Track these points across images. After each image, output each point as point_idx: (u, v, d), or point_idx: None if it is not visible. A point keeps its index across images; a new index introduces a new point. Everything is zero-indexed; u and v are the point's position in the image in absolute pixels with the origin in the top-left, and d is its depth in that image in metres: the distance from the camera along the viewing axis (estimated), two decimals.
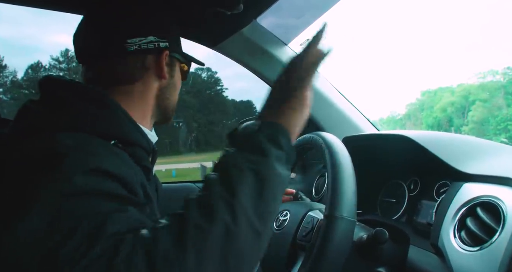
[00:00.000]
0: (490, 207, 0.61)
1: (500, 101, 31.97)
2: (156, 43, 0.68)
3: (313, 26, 1.12)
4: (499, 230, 0.56)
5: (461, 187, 0.69)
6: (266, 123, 0.51)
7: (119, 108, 0.63)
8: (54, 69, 31.62)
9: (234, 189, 0.42)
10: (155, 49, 0.68)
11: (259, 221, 0.42)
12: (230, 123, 38.98)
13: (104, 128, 0.58)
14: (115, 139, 0.59)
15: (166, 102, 0.74)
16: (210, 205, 0.40)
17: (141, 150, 0.65)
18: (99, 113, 0.60)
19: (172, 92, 0.75)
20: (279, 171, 0.47)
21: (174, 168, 20.71)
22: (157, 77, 0.70)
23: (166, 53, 0.69)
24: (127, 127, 0.63)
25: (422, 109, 42.35)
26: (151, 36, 0.68)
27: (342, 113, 1.25)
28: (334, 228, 0.57)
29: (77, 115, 0.57)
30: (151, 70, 0.69)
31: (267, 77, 1.23)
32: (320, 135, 0.72)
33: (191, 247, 0.37)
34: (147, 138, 0.67)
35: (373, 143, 1.05)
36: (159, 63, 0.69)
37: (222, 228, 0.39)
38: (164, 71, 0.70)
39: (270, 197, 0.44)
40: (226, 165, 0.46)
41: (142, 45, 0.67)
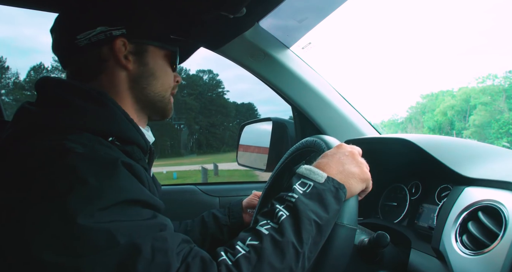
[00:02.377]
0: (492, 211, 0.61)
1: (502, 105, 31.91)
2: (107, 33, 0.65)
3: (314, 30, 1.13)
4: (500, 234, 0.56)
5: (463, 191, 0.69)
6: (330, 179, 0.59)
7: (117, 106, 0.63)
8: (56, 70, 31.60)
9: (302, 239, 0.52)
10: (107, 39, 0.65)
11: (308, 262, 0.53)
12: (231, 125, 38.96)
13: (101, 125, 0.59)
14: (112, 136, 0.59)
15: (144, 93, 0.70)
16: (283, 249, 0.50)
17: (138, 149, 0.65)
18: (97, 111, 0.60)
19: (150, 81, 0.70)
20: (332, 223, 0.57)
21: (175, 170, 20.74)
22: (120, 68, 0.67)
23: (122, 41, 0.66)
24: (125, 125, 0.63)
25: (424, 112, 42.32)
26: (100, 27, 0.65)
27: (344, 117, 1.25)
28: (335, 236, 0.57)
29: (74, 113, 0.58)
30: (110, 61, 0.66)
31: (269, 80, 1.23)
32: (322, 138, 0.72)
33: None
34: (144, 137, 0.67)
35: (375, 147, 1.05)
36: (114, 53, 0.65)
37: (287, 269, 0.50)
38: (121, 60, 0.66)
39: (321, 244, 0.56)
40: (298, 213, 0.54)
41: (92, 38, 0.65)
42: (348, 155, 0.63)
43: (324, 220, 0.54)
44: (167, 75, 0.73)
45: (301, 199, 0.55)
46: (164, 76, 0.72)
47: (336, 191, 0.57)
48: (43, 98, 0.62)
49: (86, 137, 0.55)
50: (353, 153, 0.64)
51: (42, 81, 0.63)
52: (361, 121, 1.27)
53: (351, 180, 0.60)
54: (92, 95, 0.61)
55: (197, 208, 1.28)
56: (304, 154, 0.87)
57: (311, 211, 0.54)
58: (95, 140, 0.55)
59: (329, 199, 0.56)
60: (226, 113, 40.97)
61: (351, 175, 0.61)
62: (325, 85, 1.26)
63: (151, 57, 0.70)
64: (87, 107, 0.59)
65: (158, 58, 0.71)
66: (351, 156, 0.63)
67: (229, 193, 1.32)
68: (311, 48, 1.22)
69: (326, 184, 0.57)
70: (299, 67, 1.22)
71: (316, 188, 0.57)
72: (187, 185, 1.35)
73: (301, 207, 0.54)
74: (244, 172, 16.13)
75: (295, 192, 0.56)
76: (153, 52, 0.70)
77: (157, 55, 0.71)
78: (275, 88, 1.26)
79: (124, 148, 0.61)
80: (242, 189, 1.35)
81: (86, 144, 0.52)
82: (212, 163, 21.95)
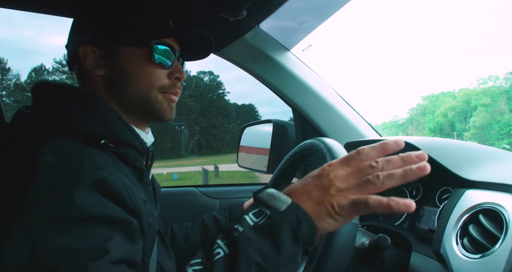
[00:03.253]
0: (493, 214, 0.61)
1: (503, 106, 31.89)
2: (78, 43, 0.67)
3: (315, 32, 1.13)
4: (501, 237, 0.56)
5: (464, 194, 0.69)
6: (294, 206, 0.45)
7: (109, 108, 0.63)
8: (57, 72, 31.68)
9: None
10: (75, 48, 0.67)
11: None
12: (231, 126, 38.99)
13: (93, 128, 0.59)
14: (105, 138, 0.59)
15: (122, 96, 0.68)
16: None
17: (133, 151, 0.65)
18: (88, 113, 0.60)
19: (125, 83, 0.67)
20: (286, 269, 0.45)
21: (176, 172, 20.73)
22: (92, 74, 0.67)
23: (89, 47, 0.66)
24: (117, 126, 0.62)
25: (424, 114, 42.31)
26: (75, 37, 0.67)
27: (344, 119, 1.25)
28: (337, 231, 0.56)
29: (66, 116, 0.58)
30: (84, 68, 0.67)
31: (270, 83, 1.23)
32: (322, 140, 0.72)
33: None
34: (139, 138, 0.66)
35: None
36: (80, 61, 0.67)
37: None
38: (86, 66, 0.66)
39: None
40: (237, 252, 0.43)
41: (72, 48, 0.68)
42: (330, 177, 0.47)
43: (271, 263, 0.43)
44: (147, 74, 0.68)
45: (246, 233, 0.44)
46: (142, 76, 0.67)
47: (298, 224, 0.44)
48: (37, 101, 0.62)
49: (68, 143, 0.54)
50: (336, 177, 0.46)
51: (38, 85, 0.64)
52: (361, 123, 1.27)
53: (324, 214, 0.45)
54: (84, 98, 0.61)
55: (197, 210, 1.27)
56: (304, 157, 0.87)
57: (254, 251, 0.43)
58: (76, 147, 0.54)
59: (284, 235, 0.43)
60: (227, 115, 41.01)
61: (325, 206, 0.45)
62: (325, 87, 1.26)
63: (124, 58, 0.67)
64: (79, 109, 0.59)
65: (134, 58, 0.67)
66: (333, 180, 0.46)
67: (229, 195, 1.32)
68: (311, 50, 1.22)
69: (286, 213, 0.44)
70: (300, 69, 1.22)
71: (272, 218, 0.44)
72: (187, 187, 1.35)
73: (242, 244, 0.43)
74: (245, 174, 16.13)
75: (243, 223, 0.45)
76: (127, 52, 0.67)
77: (132, 55, 0.67)
78: (275, 90, 1.26)
79: (118, 149, 0.61)
80: (243, 191, 1.35)
81: (60, 152, 0.51)
82: (213, 164, 21.95)
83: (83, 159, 0.51)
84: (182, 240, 0.97)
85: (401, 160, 0.46)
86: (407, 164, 0.45)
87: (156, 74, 0.69)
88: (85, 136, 0.57)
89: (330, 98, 1.24)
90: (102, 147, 0.59)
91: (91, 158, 0.53)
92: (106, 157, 0.58)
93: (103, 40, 0.67)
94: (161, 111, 0.70)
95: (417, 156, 0.45)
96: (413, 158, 0.45)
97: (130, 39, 0.67)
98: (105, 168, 0.52)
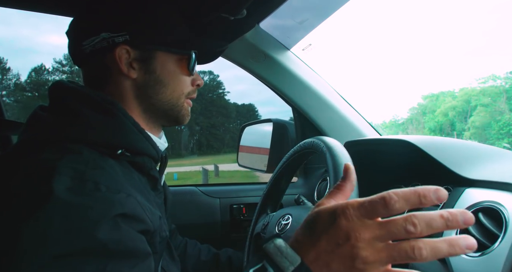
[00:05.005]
0: (492, 212, 0.61)
1: (502, 106, 31.87)
2: (109, 40, 0.62)
3: (315, 31, 1.13)
4: (501, 236, 0.56)
5: (463, 193, 0.69)
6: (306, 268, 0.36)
7: (127, 116, 0.61)
8: (57, 71, 31.64)
9: None
10: (109, 47, 0.62)
11: None
12: (232, 126, 38.94)
13: (111, 138, 0.57)
14: (122, 148, 0.57)
15: (152, 102, 0.67)
16: None
17: (149, 159, 0.63)
18: (107, 122, 0.58)
19: (158, 90, 0.66)
20: None
21: (176, 171, 20.73)
22: (125, 77, 0.64)
23: (125, 48, 0.62)
24: (135, 135, 0.60)
25: (424, 113, 42.29)
26: (103, 33, 0.61)
27: (344, 118, 1.25)
28: None
29: (85, 125, 0.56)
30: (114, 70, 0.63)
31: (270, 82, 1.23)
32: (321, 139, 0.72)
33: None
34: (155, 146, 0.64)
35: (375, 148, 1.05)
36: (115, 61, 0.62)
37: None
38: (123, 69, 0.63)
39: None
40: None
41: (96, 45, 0.62)
42: (352, 243, 0.34)
43: None
44: (179, 81, 0.68)
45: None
46: (176, 83, 0.68)
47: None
48: (54, 104, 0.60)
49: (85, 157, 0.52)
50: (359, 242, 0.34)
51: (55, 87, 0.62)
52: (361, 122, 1.27)
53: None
54: (102, 106, 0.59)
55: (198, 209, 1.28)
56: (304, 156, 0.87)
57: None
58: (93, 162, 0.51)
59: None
60: (227, 114, 40.98)
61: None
62: (325, 86, 1.26)
63: (159, 64, 0.65)
64: (96, 117, 0.57)
65: (169, 63, 0.66)
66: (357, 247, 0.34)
67: (229, 194, 1.32)
68: (311, 50, 1.22)
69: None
70: (300, 69, 1.22)
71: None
72: (188, 186, 1.35)
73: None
74: (245, 173, 16.11)
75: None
76: (162, 57, 0.66)
77: (168, 61, 0.66)
78: (275, 90, 1.26)
79: (134, 159, 0.60)
80: (243, 190, 1.35)
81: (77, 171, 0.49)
82: (213, 164, 21.94)
83: (100, 179, 0.49)
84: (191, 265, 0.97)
85: (445, 223, 0.34)
86: (449, 228, 0.34)
87: (186, 81, 0.70)
88: (102, 146, 0.56)
89: (330, 97, 1.25)
90: (118, 157, 0.58)
91: (108, 177, 0.51)
92: (122, 169, 0.56)
93: (142, 42, 0.63)
94: (184, 117, 0.72)
95: (464, 222, 0.33)
96: (459, 223, 0.34)
97: (171, 46, 0.66)
98: (122, 190, 0.51)
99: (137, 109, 0.66)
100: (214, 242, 1.12)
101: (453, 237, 0.34)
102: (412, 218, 0.34)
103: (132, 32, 0.62)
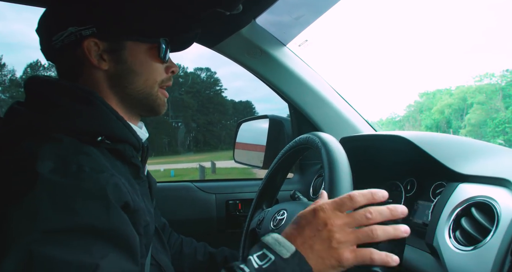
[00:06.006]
0: (485, 207, 0.61)
1: (498, 104, 32.06)
2: (77, 34, 0.62)
3: (311, 27, 1.13)
4: (493, 230, 0.57)
5: (457, 188, 0.69)
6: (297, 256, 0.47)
7: (105, 105, 0.62)
8: (53, 68, 31.37)
9: None
10: (78, 40, 0.62)
11: None
12: (229, 123, 38.94)
13: (90, 125, 0.58)
14: (101, 135, 0.58)
15: (127, 92, 0.67)
16: None
17: (130, 147, 0.64)
18: (85, 111, 0.59)
19: (131, 79, 0.66)
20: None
21: (173, 168, 20.69)
22: (96, 69, 0.65)
23: (93, 41, 0.63)
24: (114, 123, 0.61)
25: (421, 111, 42.47)
26: (70, 28, 0.62)
27: (340, 114, 1.26)
28: None
29: (63, 114, 0.57)
30: (86, 62, 0.64)
31: (266, 78, 1.23)
32: (317, 134, 0.73)
33: None
34: (135, 134, 0.66)
35: (370, 144, 1.06)
36: (85, 54, 0.63)
37: None
38: (93, 60, 0.63)
39: None
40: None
41: (65, 39, 0.63)
42: (328, 228, 0.48)
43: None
44: (151, 70, 0.68)
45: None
46: (148, 72, 0.68)
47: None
48: (31, 98, 0.61)
49: (65, 143, 0.53)
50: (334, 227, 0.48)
51: (30, 81, 0.63)
52: (357, 118, 1.28)
53: (327, 267, 0.48)
54: (80, 95, 0.60)
55: (193, 205, 1.28)
56: (299, 152, 0.87)
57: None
58: (74, 148, 0.53)
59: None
60: (224, 111, 40.94)
61: (329, 260, 0.47)
62: (321, 82, 1.26)
63: (129, 54, 0.65)
64: (75, 107, 0.58)
65: (140, 53, 0.66)
66: (332, 231, 0.48)
67: (225, 190, 1.33)
68: (307, 46, 1.22)
69: (289, 261, 0.46)
70: (296, 65, 1.22)
71: (276, 264, 0.46)
72: (183, 182, 1.35)
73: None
74: (242, 170, 16.12)
75: (249, 265, 0.46)
76: (132, 47, 0.65)
77: (138, 50, 0.66)
78: (271, 85, 1.26)
79: (115, 146, 0.61)
80: (239, 186, 1.35)
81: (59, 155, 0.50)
82: (210, 161, 21.95)
83: (82, 162, 0.51)
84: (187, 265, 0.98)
85: (390, 213, 0.50)
86: (394, 217, 0.50)
87: (158, 69, 0.69)
88: (82, 133, 0.57)
89: (326, 93, 1.25)
90: (99, 144, 0.58)
91: (90, 160, 0.53)
92: (102, 155, 0.57)
93: (109, 34, 0.63)
94: (160, 107, 0.72)
95: (401, 212, 0.51)
96: (398, 214, 0.51)
97: (140, 35, 0.66)
98: (105, 170, 0.53)
99: (114, 99, 0.67)
100: (210, 237, 1.12)
101: (398, 225, 0.50)
102: (369, 209, 0.49)
103: (98, 25, 0.62)
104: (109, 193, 0.50)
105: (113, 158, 0.61)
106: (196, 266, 0.98)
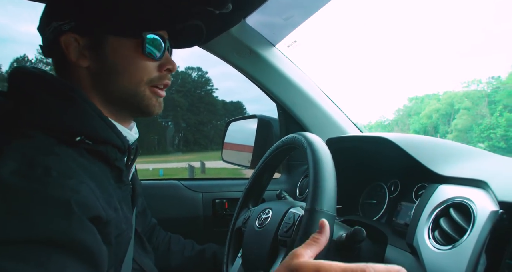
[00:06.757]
0: (462, 207, 0.63)
1: (484, 110, 32.77)
2: (57, 28, 0.59)
3: (300, 28, 1.14)
4: (469, 229, 0.58)
5: (437, 189, 0.71)
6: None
7: (88, 103, 0.58)
8: (41, 63, 30.83)
9: None
10: (54, 35, 0.60)
11: None
12: (219, 123, 38.80)
13: (69, 123, 0.54)
14: (81, 135, 0.55)
15: (110, 90, 0.63)
16: None
17: (114, 149, 0.61)
18: (64, 107, 0.55)
19: (113, 77, 0.62)
20: None
21: (162, 167, 20.52)
22: (77, 65, 0.61)
23: (72, 36, 0.59)
24: (96, 122, 0.58)
25: (410, 115, 43.06)
26: (54, 22, 0.60)
27: (327, 115, 1.27)
28: (315, 222, 0.57)
29: (40, 110, 0.54)
30: (67, 58, 0.61)
31: (254, 78, 1.24)
32: (303, 134, 0.73)
33: None
34: (120, 135, 0.62)
35: (356, 145, 1.07)
36: (63, 50, 0.60)
37: None
38: (71, 57, 0.60)
39: None
40: None
41: (49, 35, 0.61)
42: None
43: None
44: (136, 68, 0.63)
45: None
46: (132, 70, 0.63)
47: None
48: (12, 89, 0.58)
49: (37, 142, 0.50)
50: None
51: (14, 72, 0.60)
52: (344, 120, 1.29)
53: None
54: (60, 90, 0.57)
55: (180, 204, 1.27)
56: (286, 152, 0.88)
57: None
58: (46, 148, 0.50)
59: None
60: (215, 111, 40.80)
61: None
62: (310, 83, 1.28)
63: (111, 50, 0.61)
64: (53, 102, 0.55)
65: (122, 49, 0.62)
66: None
67: (212, 189, 1.32)
68: (296, 46, 1.23)
69: None
70: (285, 65, 1.23)
71: None
72: (170, 180, 1.35)
73: None
74: (232, 171, 16.10)
75: None
76: (114, 43, 0.61)
77: (121, 46, 0.62)
78: (260, 86, 1.27)
79: (96, 148, 0.57)
80: (226, 185, 1.35)
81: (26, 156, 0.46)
82: (199, 160, 21.84)
83: (51, 165, 0.47)
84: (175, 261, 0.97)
85: None
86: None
87: (146, 67, 0.64)
88: (59, 132, 0.53)
89: (314, 94, 1.26)
90: (77, 144, 0.55)
91: (60, 163, 0.49)
92: (77, 157, 0.54)
93: (89, 29, 0.60)
94: (150, 107, 0.67)
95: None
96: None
97: (120, 29, 0.61)
98: (75, 176, 0.49)
99: (98, 98, 0.63)
100: (197, 236, 1.12)
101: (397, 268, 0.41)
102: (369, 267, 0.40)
103: (78, 19, 0.59)
104: (74, 202, 0.45)
105: (95, 159, 0.58)
106: (184, 262, 0.97)
